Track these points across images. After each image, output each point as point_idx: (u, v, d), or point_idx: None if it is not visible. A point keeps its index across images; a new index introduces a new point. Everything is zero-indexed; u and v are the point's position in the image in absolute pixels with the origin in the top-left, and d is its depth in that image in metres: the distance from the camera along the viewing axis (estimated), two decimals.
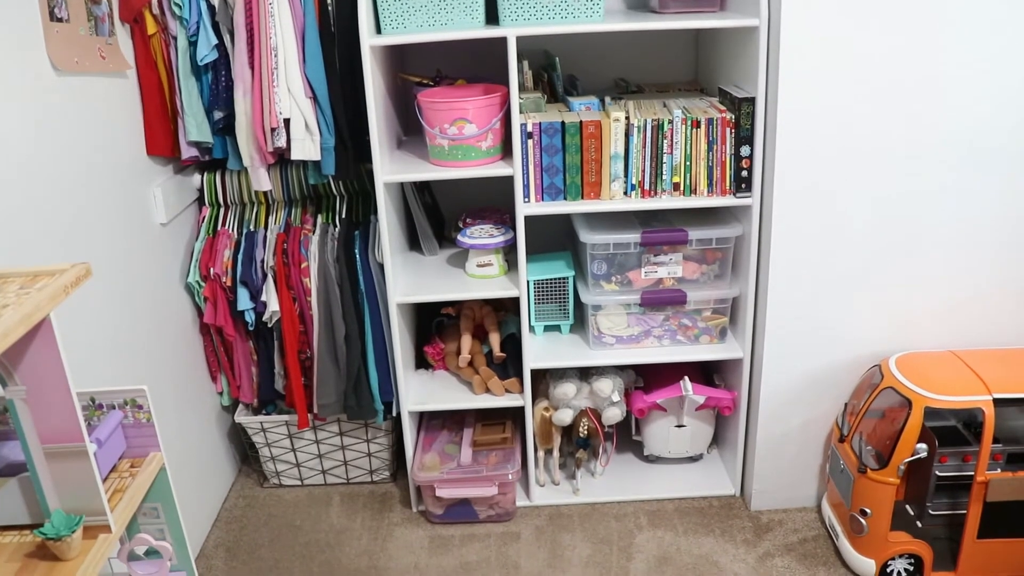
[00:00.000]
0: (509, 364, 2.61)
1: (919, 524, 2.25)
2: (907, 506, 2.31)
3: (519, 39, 2.14)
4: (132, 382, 1.54)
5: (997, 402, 2.05)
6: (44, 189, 1.81)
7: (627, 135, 2.24)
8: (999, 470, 2.08)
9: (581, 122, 2.23)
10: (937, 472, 2.16)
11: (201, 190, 2.57)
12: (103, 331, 2.04)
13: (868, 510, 2.20)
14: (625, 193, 2.31)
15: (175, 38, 2.29)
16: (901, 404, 2.13)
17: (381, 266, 2.40)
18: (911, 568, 2.24)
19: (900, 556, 2.23)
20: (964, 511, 2.14)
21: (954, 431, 2.26)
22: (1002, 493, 2.08)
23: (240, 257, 2.47)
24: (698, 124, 2.23)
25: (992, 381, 2.09)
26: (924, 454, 2.10)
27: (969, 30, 2.05)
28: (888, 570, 2.25)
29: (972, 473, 2.10)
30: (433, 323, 2.83)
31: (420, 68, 2.64)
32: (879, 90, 2.10)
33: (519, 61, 2.27)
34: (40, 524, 1.29)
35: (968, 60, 2.08)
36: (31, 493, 1.31)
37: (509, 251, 2.51)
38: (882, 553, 2.23)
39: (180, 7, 2.24)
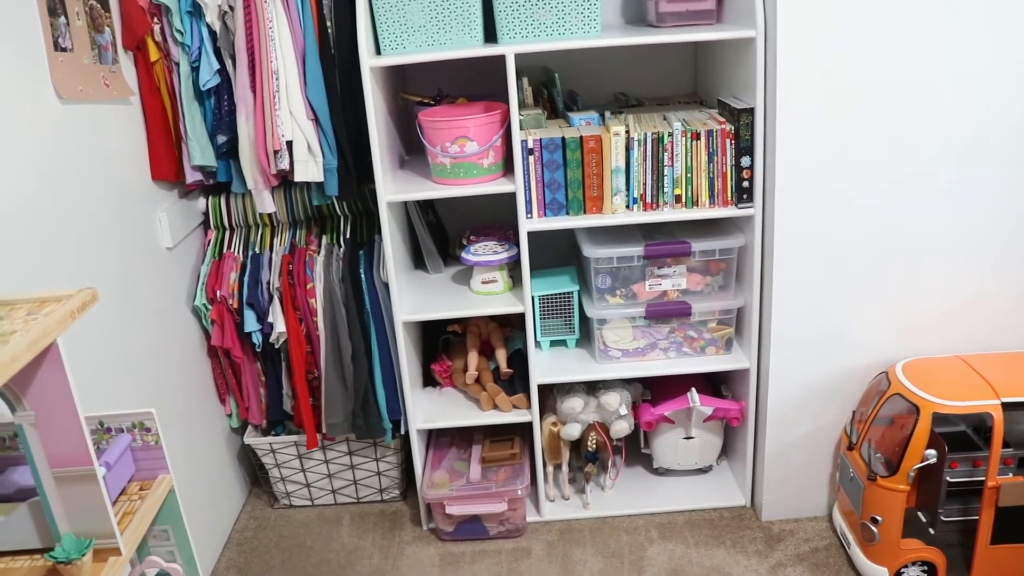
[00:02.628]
0: (516, 380, 2.61)
1: (931, 531, 2.24)
2: (919, 513, 2.30)
3: (518, 56, 2.16)
4: (140, 405, 1.56)
5: (1006, 406, 2.04)
6: (51, 216, 1.83)
7: (628, 149, 2.26)
8: (1010, 474, 2.07)
9: (581, 137, 2.25)
10: (948, 478, 2.14)
11: (206, 214, 2.59)
12: (111, 355, 2.06)
13: (879, 518, 2.19)
14: (627, 207, 2.32)
15: (177, 64, 2.32)
16: (909, 410, 2.13)
17: (386, 285, 2.41)
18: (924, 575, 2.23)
19: (913, 564, 2.22)
20: (976, 517, 2.13)
21: (964, 436, 2.25)
22: (1014, 498, 2.07)
23: (246, 279, 2.49)
24: (698, 136, 2.24)
25: (1000, 385, 2.08)
26: (934, 460, 2.09)
27: (966, 36, 2.06)
28: None
29: (983, 478, 2.09)
30: (439, 341, 2.84)
31: (421, 87, 2.66)
32: (877, 97, 2.11)
33: (519, 78, 2.29)
34: (50, 548, 1.30)
35: (966, 65, 2.09)
36: (41, 517, 1.32)
37: (513, 267, 2.52)
38: (895, 561, 2.22)
39: (182, 33, 2.27)
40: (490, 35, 2.26)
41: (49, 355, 1.22)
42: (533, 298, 2.45)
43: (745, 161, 2.25)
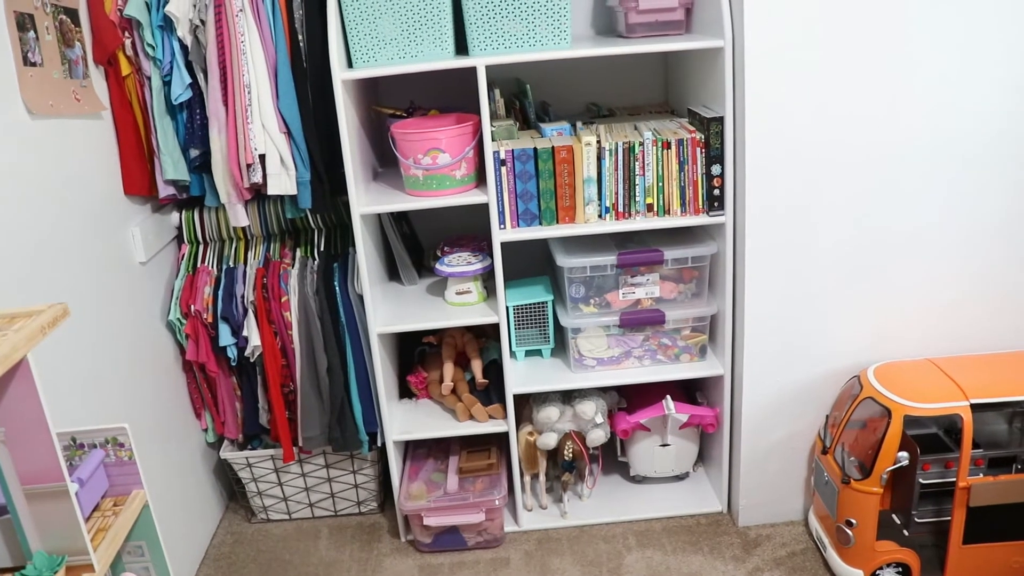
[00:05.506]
0: (492, 390, 2.62)
1: (905, 532, 2.26)
2: (893, 515, 2.32)
3: (490, 68, 2.18)
4: (114, 421, 1.54)
5: (975, 407, 2.07)
6: (22, 232, 1.82)
7: (599, 159, 2.27)
8: (981, 475, 2.10)
9: (553, 147, 2.26)
10: (920, 480, 2.17)
11: (180, 228, 2.58)
12: (85, 371, 2.04)
13: (854, 521, 2.21)
14: (599, 216, 2.34)
15: (149, 78, 2.31)
16: (881, 414, 2.15)
17: (361, 297, 2.41)
18: None
19: (888, 565, 2.24)
20: (949, 518, 2.15)
21: (935, 438, 2.28)
22: (984, 498, 2.10)
23: (220, 293, 2.48)
24: (669, 145, 2.26)
25: (969, 387, 2.11)
26: (906, 462, 2.11)
27: (934, 43, 2.10)
28: None
29: (954, 479, 2.11)
30: (415, 352, 2.83)
31: (394, 100, 2.67)
32: (846, 104, 2.14)
33: (491, 89, 2.30)
34: (22, 566, 1.28)
35: (935, 72, 2.12)
36: (12, 535, 1.31)
37: (488, 278, 2.53)
38: (870, 563, 2.24)
39: (153, 48, 2.26)
40: (461, 47, 2.28)
41: (20, 371, 1.21)
42: (507, 308, 2.46)
43: (715, 169, 2.28)
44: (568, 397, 2.58)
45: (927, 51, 2.10)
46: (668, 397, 2.55)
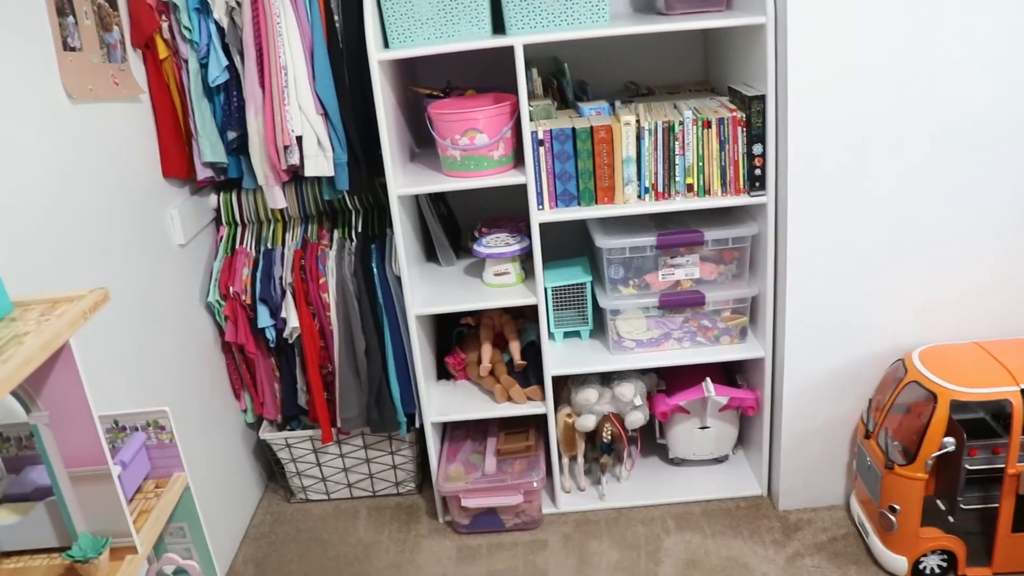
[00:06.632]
0: (530, 372, 2.61)
1: (951, 519, 2.22)
2: (937, 501, 2.28)
3: (527, 47, 2.15)
4: (155, 403, 1.56)
5: None
6: (62, 216, 1.83)
7: (638, 138, 2.24)
8: None
9: (592, 127, 2.23)
10: (967, 466, 2.12)
11: (218, 210, 2.59)
12: (125, 354, 2.06)
13: (897, 506, 2.18)
14: (639, 196, 2.31)
15: (186, 61, 2.32)
16: (926, 398, 2.11)
17: (399, 278, 2.41)
18: (944, 564, 2.22)
19: (932, 552, 2.20)
20: (996, 504, 2.11)
21: (983, 423, 2.23)
22: None
23: (259, 275, 2.49)
24: (709, 124, 2.22)
25: (1019, 371, 2.06)
26: (952, 448, 2.07)
27: (981, 20, 2.03)
28: (920, 567, 2.22)
29: (1003, 466, 2.07)
30: (453, 333, 2.83)
31: (430, 80, 2.65)
32: (890, 82, 2.09)
33: (528, 69, 2.27)
34: (68, 547, 1.30)
35: (981, 49, 2.06)
36: (58, 516, 1.33)
37: (526, 259, 2.51)
38: (914, 550, 2.21)
39: (190, 30, 2.27)
40: (498, 26, 2.25)
41: (62, 356, 1.22)
42: (546, 289, 2.44)
43: (757, 149, 2.23)
44: (607, 379, 2.57)
45: (978, 26, 2.04)
46: (708, 379, 2.53)
